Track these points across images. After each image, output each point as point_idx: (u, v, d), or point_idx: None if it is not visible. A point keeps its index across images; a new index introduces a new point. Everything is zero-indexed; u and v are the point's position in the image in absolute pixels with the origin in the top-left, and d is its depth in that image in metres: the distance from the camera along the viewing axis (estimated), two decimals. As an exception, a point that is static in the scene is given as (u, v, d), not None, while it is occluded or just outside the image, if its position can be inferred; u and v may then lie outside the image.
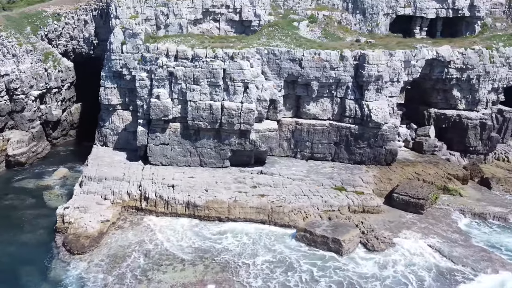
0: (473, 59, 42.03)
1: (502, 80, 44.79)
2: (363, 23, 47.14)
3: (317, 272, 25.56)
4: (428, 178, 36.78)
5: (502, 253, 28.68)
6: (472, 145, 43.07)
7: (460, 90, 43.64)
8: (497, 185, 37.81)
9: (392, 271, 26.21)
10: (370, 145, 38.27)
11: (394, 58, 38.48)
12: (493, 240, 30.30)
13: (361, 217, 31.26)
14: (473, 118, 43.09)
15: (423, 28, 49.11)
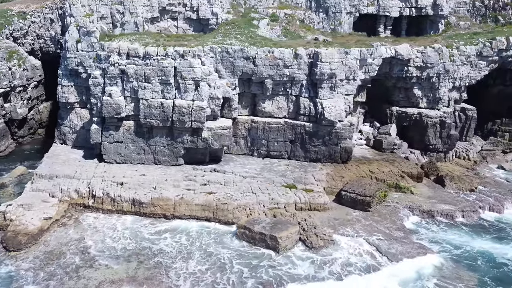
0: (432, 58, 42.14)
1: (464, 78, 44.94)
2: (326, 21, 47.31)
3: (248, 272, 25.43)
4: (381, 176, 36.89)
5: (441, 249, 28.83)
6: (432, 143, 43.19)
7: (421, 88, 43.76)
8: (451, 183, 37.89)
9: (327, 271, 26.10)
10: (325, 143, 38.38)
11: (350, 56, 38.58)
12: (437, 238, 30.42)
13: (306, 215, 31.34)
14: (433, 116, 43.21)
15: (388, 27, 49.33)
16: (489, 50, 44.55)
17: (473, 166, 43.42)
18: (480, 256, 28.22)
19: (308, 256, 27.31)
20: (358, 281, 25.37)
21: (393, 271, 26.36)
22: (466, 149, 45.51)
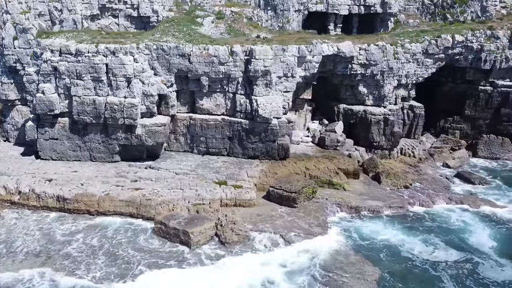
0: (376, 55, 42.33)
1: (410, 76, 45.15)
2: (274, 19, 47.49)
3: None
4: (315, 173, 37.08)
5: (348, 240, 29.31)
6: (376, 141, 43.41)
7: (366, 86, 43.95)
8: (386, 180, 38.10)
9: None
10: (262, 140, 38.54)
11: (287, 53, 38.74)
12: (352, 229, 30.76)
13: (230, 210, 31.49)
14: (377, 113, 43.43)
15: (338, 24, 49.44)
16: (434, 47, 44.78)
17: (417, 163, 43.66)
18: (386, 248, 28.35)
19: (217, 255, 27.34)
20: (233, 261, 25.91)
21: (282, 255, 26.70)
22: (412, 146, 45.74)
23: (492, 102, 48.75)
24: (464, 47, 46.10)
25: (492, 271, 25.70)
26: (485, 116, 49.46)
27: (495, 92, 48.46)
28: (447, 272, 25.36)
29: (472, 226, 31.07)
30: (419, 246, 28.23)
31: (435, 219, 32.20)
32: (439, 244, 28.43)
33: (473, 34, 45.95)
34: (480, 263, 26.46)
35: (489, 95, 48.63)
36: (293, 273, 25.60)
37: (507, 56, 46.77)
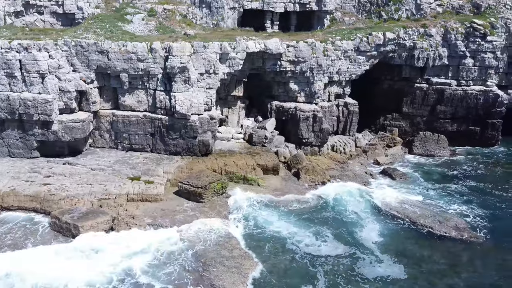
0: (304, 52, 42.59)
1: (343, 73, 45.40)
2: (209, 17, 47.69)
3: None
4: (232, 169, 37.35)
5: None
6: (305, 137, 43.66)
7: (297, 82, 44.20)
8: (305, 176, 38.40)
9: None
10: (182, 136, 38.79)
11: (209, 50, 38.97)
12: (251, 217, 31.38)
13: (135, 205, 31.77)
14: (306, 110, 43.68)
15: (275, 22, 49.71)
16: (366, 45, 45.09)
17: (346, 160, 43.91)
18: (275, 240, 28.64)
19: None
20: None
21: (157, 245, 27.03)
22: (345, 143, 45.99)
23: (428, 99, 49.15)
24: (397, 45, 46.45)
25: (368, 267, 25.92)
26: (422, 113, 49.90)
27: (430, 90, 48.87)
28: (323, 267, 25.59)
29: (364, 219, 31.41)
30: (308, 239, 28.48)
31: (333, 210, 32.55)
32: (329, 237, 28.71)
33: (405, 31, 46.29)
34: (360, 258, 26.71)
35: (425, 93, 49.02)
36: (162, 265, 25.76)
37: (440, 53, 47.13)
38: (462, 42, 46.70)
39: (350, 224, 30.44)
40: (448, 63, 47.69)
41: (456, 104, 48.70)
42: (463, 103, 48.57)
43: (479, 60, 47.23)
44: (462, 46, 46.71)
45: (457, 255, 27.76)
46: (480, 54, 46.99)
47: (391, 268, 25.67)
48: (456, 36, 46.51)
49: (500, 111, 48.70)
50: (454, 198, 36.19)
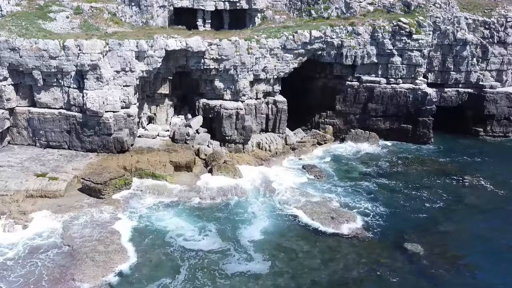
0: (227, 50, 42.86)
1: (270, 71, 45.65)
2: (139, 15, 47.93)
3: None
4: (143, 165, 37.64)
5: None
6: (228, 134, 43.96)
7: (223, 80, 44.44)
8: (217, 172, 38.69)
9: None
10: (97, 133, 39.08)
11: (124, 48, 39.24)
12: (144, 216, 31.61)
13: (32, 201, 32.08)
14: (229, 108, 43.96)
15: (207, 20, 49.95)
16: (292, 43, 45.38)
17: (269, 157, 44.18)
18: (157, 233, 28.90)
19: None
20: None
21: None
22: (271, 140, 46.28)
23: (360, 97, 49.52)
24: (325, 43, 46.77)
25: (233, 263, 26.19)
26: (354, 111, 50.27)
27: (361, 88, 49.24)
28: (190, 261, 25.93)
29: (257, 217, 31.63)
30: (191, 233, 28.77)
31: (233, 208, 32.81)
32: (211, 232, 29.00)
33: (332, 30, 46.60)
34: (230, 254, 27.00)
35: (356, 91, 49.38)
36: (25, 260, 25.90)
37: (368, 51, 47.46)
38: (389, 41, 47.05)
39: (239, 221, 30.71)
40: (377, 61, 48.05)
41: (386, 102, 49.07)
42: (393, 101, 48.95)
43: (406, 58, 47.59)
44: (389, 44, 47.05)
45: (335, 250, 28.08)
46: (407, 52, 47.35)
47: (256, 265, 25.96)
48: (383, 34, 46.84)
49: (430, 109, 49.09)
50: (361, 195, 36.47)
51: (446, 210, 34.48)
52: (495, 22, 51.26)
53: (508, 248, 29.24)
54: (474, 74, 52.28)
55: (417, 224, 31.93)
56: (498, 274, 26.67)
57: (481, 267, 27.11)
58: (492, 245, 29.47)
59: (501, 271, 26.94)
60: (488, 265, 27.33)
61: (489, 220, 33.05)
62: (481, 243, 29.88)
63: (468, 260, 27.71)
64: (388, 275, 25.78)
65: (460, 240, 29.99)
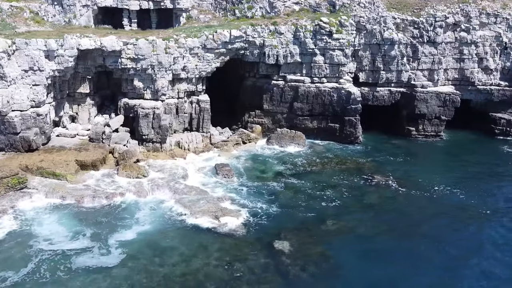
0: (144, 50, 43.02)
1: (191, 70, 45.78)
2: (62, 14, 48.02)
3: None
4: (45, 164, 37.67)
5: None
6: (145, 134, 44.09)
7: (142, 80, 44.56)
8: (122, 171, 38.81)
9: None
10: (3, 132, 39.18)
11: (31, 47, 39.35)
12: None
13: None
14: (146, 107, 44.11)
15: (133, 20, 50.01)
16: (212, 42, 45.52)
17: (186, 156, 44.30)
18: (29, 237, 28.70)
19: None
20: None
21: None
22: (191, 140, 46.39)
23: (285, 96, 49.70)
24: (247, 42, 46.92)
25: (83, 259, 26.26)
26: (282, 110, 50.47)
27: (286, 87, 49.41)
28: (42, 257, 26.07)
29: (140, 219, 31.61)
30: (61, 238, 28.50)
31: (122, 209, 32.89)
32: (85, 237, 28.86)
33: (254, 29, 46.74)
34: (89, 252, 27.01)
35: (282, 90, 49.56)
36: None
37: (291, 51, 47.60)
38: (311, 40, 47.20)
39: (122, 223, 30.33)
40: (301, 60, 48.22)
41: (312, 101, 49.24)
42: (318, 100, 49.13)
43: (328, 58, 47.75)
44: (311, 43, 47.22)
45: (203, 247, 28.15)
46: (329, 51, 47.51)
47: (108, 260, 26.04)
48: (305, 34, 47.00)
49: (356, 108, 49.23)
50: (262, 195, 36.35)
51: (340, 209, 34.62)
52: (424, 22, 51.36)
53: (380, 249, 29.32)
54: (405, 74, 52.40)
55: (302, 222, 32.07)
56: (360, 272, 26.81)
57: (345, 266, 27.23)
58: (366, 246, 29.57)
59: (364, 270, 27.08)
60: (353, 264, 27.44)
61: (376, 219, 33.21)
62: (357, 243, 30.01)
63: (334, 259, 27.81)
64: (245, 272, 25.91)
65: (335, 240, 30.09)
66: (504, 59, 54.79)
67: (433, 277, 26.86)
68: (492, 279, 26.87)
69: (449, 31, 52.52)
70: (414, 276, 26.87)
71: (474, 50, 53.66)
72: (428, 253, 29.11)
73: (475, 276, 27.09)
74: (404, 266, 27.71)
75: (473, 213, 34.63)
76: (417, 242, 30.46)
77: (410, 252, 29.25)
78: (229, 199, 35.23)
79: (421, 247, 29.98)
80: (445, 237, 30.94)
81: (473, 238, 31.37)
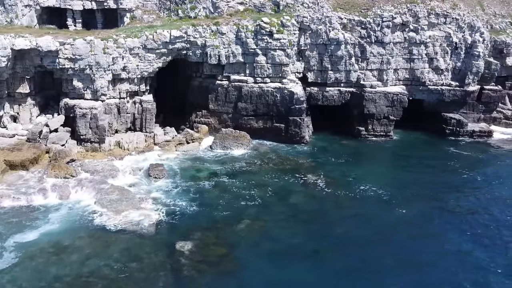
0: (81, 50, 43.14)
1: (132, 71, 45.85)
2: (5, 14, 48.11)
3: None
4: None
5: None
6: (82, 134, 44.15)
7: (81, 80, 44.66)
8: (51, 171, 38.82)
9: None
10: None
11: (-41, 47, 39.50)
12: None
13: None
14: (84, 107, 44.20)
15: (77, 20, 50.06)
16: (152, 42, 45.63)
17: (125, 156, 44.35)
18: None
19: None
20: None
21: None
22: (131, 140, 46.43)
23: (230, 96, 49.78)
24: (188, 42, 47.00)
25: None
26: (227, 110, 50.53)
27: (230, 87, 49.44)
28: None
29: (50, 220, 31.45)
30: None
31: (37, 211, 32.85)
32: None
33: (195, 29, 46.80)
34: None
35: (226, 90, 49.62)
36: None
37: (233, 51, 47.64)
38: (253, 40, 47.24)
39: (30, 224, 30.40)
40: (244, 60, 48.26)
41: (255, 101, 49.30)
42: (262, 100, 49.18)
43: (270, 58, 47.77)
44: (252, 44, 47.26)
45: (107, 247, 28.30)
46: (270, 51, 47.53)
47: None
48: (246, 34, 47.05)
49: (300, 108, 49.25)
50: (187, 195, 36.39)
51: (260, 208, 34.62)
52: (371, 22, 51.43)
53: (287, 250, 29.30)
54: (354, 74, 52.45)
55: (215, 221, 32.11)
56: (259, 273, 26.84)
57: (246, 267, 27.22)
58: (274, 246, 29.51)
59: (265, 271, 27.12)
60: (254, 265, 27.43)
61: (293, 219, 33.23)
62: (266, 244, 29.90)
63: (236, 260, 27.84)
64: (137, 272, 25.97)
65: (244, 240, 30.09)
66: (455, 59, 54.81)
67: (331, 277, 26.88)
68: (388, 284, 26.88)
69: (398, 31, 52.56)
70: (313, 276, 26.87)
71: (424, 50, 53.70)
72: (332, 255, 29.13)
73: (378, 277, 27.10)
74: (306, 267, 27.71)
75: (389, 215, 34.56)
76: (326, 243, 30.48)
77: (316, 253, 29.26)
78: (151, 199, 35.29)
79: (329, 247, 30.00)
80: (353, 239, 30.93)
81: (380, 240, 31.29)
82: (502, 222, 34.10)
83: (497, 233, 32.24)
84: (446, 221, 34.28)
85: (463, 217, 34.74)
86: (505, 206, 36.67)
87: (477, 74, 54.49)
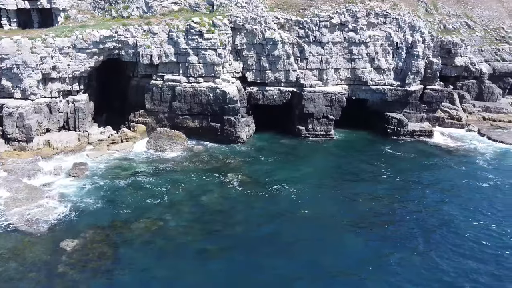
0: (8, 49, 43.37)
1: (63, 70, 46.04)
2: None
3: None
4: None
5: None
6: (9, 133, 44.35)
7: (10, 79, 44.86)
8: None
9: None
10: None
11: None
12: None
13: None
14: (11, 106, 44.42)
15: (12, 19, 50.18)
16: (82, 42, 45.80)
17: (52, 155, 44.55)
18: None
19: None
20: None
21: None
22: (61, 138, 46.63)
23: (165, 96, 49.94)
24: (120, 42, 47.15)
25: None
26: (163, 109, 50.68)
27: (165, 86, 49.59)
28: None
29: None
30: None
31: None
32: None
33: (126, 29, 46.96)
34: None
35: (161, 89, 49.78)
36: None
37: (165, 51, 47.79)
38: (184, 40, 47.38)
39: None
40: (176, 60, 48.42)
41: (189, 100, 49.45)
42: (196, 100, 49.33)
43: (202, 58, 47.90)
44: (184, 43, 47.40)
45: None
46: (201, 51, 47.66)
47: None
48: (177, 34, 47.19)
49: (233, 107, 49.33)
50: (99, 193, 36.66)
51: (165, 207, 34.80)
52: (309, 22, 51.49)
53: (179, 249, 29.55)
54: (293, 73, 52.58)
55: (113, 220, 32.24)
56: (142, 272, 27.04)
57: (128, 267, 27.40)
58: (167, 245, 29.79)
59: (148, 269, 27.32)
60: (138, 265, 27.63)
61: (197, 219, 33.32)
62: (160, 242, 30.15)
63: (118, 259, 28.01)
64: (14, 270, 26.17)
65: (138, 238, 30.23)
66: (396, 59, 54.84)
67: (219, 277, 27.04)
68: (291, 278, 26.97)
69: (337, 31, 52.62)
70: (197, 276, 27.01)
71: (364, 50, 53.74)
72: (222, 254, 29.28)
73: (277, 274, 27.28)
74: (190, 267, 27.87)
75: (291, 215, 34.68)
76: (219, 243, 30.57)
77: (205, 252, 29.41)
78: (59, 197, 35.46)
79: (221, 247, 30.10)
80: (250, 238, 31.06)
81: (280, 238, 31.47)
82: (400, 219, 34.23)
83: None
84: (346, 220, 34.35)
85: (363, 219, 34.78)
86: (406, 211, 36.66)
87: (417, 74, 54.52)
